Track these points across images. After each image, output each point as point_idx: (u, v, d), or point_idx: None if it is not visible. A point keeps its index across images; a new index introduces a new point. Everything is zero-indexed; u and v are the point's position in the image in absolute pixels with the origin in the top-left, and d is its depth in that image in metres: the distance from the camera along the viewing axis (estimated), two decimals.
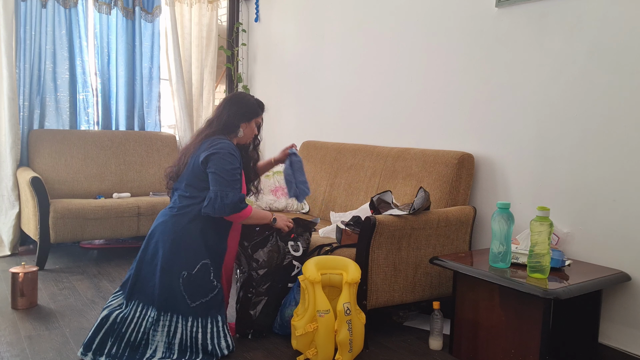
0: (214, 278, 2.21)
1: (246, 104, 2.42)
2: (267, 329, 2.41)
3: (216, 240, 2.27)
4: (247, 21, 4.73)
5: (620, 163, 2.15)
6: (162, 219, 2.27)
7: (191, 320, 2.13)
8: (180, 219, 2.22)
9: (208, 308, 2.17)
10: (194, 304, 2.15)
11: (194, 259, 2.18)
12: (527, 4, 2.48)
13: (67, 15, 3.90)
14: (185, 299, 2.14)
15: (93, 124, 4.14)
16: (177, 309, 2.14)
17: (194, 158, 2.28)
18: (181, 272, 2.15)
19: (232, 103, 2.41)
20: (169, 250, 2.17)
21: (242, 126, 2.39)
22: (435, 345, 2.35)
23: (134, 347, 2.11)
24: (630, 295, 2.13)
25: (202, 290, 2.17)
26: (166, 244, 2.18)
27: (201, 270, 2.18)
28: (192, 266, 2.17)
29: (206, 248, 2.22)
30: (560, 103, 2.36)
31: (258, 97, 4.58)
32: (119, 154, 4.02)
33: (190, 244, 2.19)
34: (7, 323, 2.50)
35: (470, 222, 2.57)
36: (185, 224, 2.21)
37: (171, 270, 2.15)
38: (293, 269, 2.43)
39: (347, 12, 3.61)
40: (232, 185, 2.19)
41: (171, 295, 2.14)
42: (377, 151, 3.16)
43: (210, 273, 2.20)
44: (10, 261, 3.52)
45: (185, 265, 2.16)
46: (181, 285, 2.14)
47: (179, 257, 2.17)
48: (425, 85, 3.03)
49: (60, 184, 3.74)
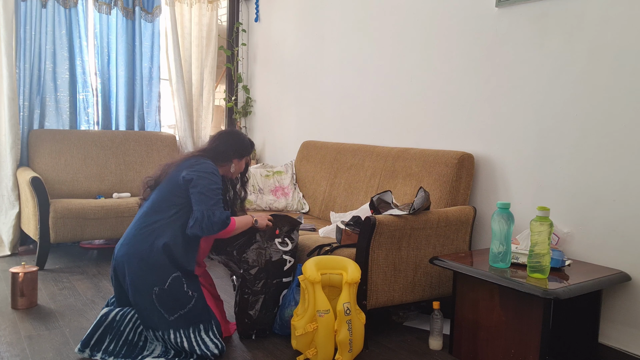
0: (189, 289, 2.16)
1: (242, 142, 2.49)
2: (268, 326, 2.41)
3: (184, 257, 2.19)
4: (247, 21, 4.73)
5: (620, 163, 2.15)
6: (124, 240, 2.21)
7: (173, 333, 2.11)
8: (146, 237, 2.16)
9: (188, 319, 2.14)
10: (172, 317, 2.11)
11: (164, 274, 2.13)
12: (527, 3, 2.48)
13: (67, 15, 3.90)
14: (162, 314, 2.11)
15: (93, 124, 4.14)
16: (157, 325, 2.11)
17: (174, 172, 2.27)
18: (152, 289, 2.10)
19: (230, 137, 2.47)
20: (138, 269, 2.12)
21: (234, 161, 2.45)
22: (435, 345, 2.35)
23: (131, 345, 2.12)
24: (630, 295, 2.13)
25: (179, 303, 2.13)
26: (132, 264, 2.13)
27: (173, 284, 2.13)
28: (164, 281, 2.12)
29: (174, 265, 2.15)
30: (560, 103, 2.36)
31: (258, 96, 4.65)
32: (119, 154, 4.02)
33: (158, 260, 2.13)
34: (7, 323, 2.50)
35: (470, 222, 2.57)
36: (152, 241, 2.15)
37: (142, 289, 2.11)
38: (285, 263, 2.43)
39: (347, 12, 3.61)
40: (217, 204, 2.19)
41: (148, 314, 2.11)
42: (377, 151, 3.16)
43: (183, 284, 2.15)
44: (10, 261, 3.52)
45: (155, 281, 2.11)
46: (155, 302, 2.10)
47: (148, 274, 2.11)
48: (425, 85, 3.03)
49: (60, 184, 3.74)
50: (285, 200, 3.57)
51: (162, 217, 2.20)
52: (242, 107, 4.72)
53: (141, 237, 2.17)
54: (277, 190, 3.63)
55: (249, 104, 4.71)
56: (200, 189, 2.18)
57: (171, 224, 2.19)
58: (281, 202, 3.55)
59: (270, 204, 3.54)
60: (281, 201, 3.55)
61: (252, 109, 4.72)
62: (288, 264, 2.44)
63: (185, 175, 2.21)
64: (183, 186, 2.21)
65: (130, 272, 2.13)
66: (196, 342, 2.13)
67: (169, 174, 2.29)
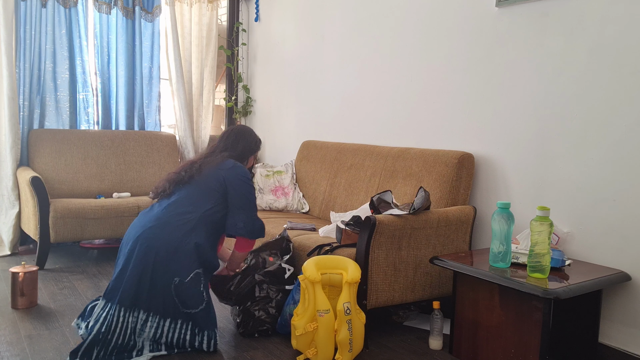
0: (204, 290, 2.20)
1: (255, 139, 2.60)
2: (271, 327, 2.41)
3: (210, 255, 2.26)
4: (247, 21, 4.73)
5: (620, 163, 2.16)
6: (156, 222, 2.21)
7: (180, 323, 2.15)
8: (181, 226, 2.19)
9: (197, 320, 2.17)
10: (185, 310, 2.16)
11: (189, 267, 2.16)
12: (527, 3, 2.48)
13: (67, 15, 3.89)
14: (176, 303, 2.15)
15: (93, 123, 4.14)
16: (168, 312, 2.13)
17: (215, 171, 2.32)
18: (173, 278, 2.13)
19: (246, 135, 2.55)
20: (164, 256, 2.14)
21: (250, 159, 2.57)
22: (435, 345, 2.35)
23: (120, 350, 2.10)
24: (630, 295, 2.13)
25: (192, 301, 2.16)
26: (161, 249, 2.14)
27: (194, 280, 2.16)
28: (186, 274, 2.15)
29: (200, 260, 2.20)
30: (561, 103, 2.36)
31: (258, 96, 4.65)
32: (119, 154, 4.01)
33: (186, 253, 2.16)
34: (7, 323, 2.50)
35: (470, 222, 2.57)
36: (185, 232, 2.18)
37: (164, 275, 2.13)
38: (284, 271, 2.45)
39: (347, 12, 3.61)
40: (256, 212, 2.35)
41: (162, 299, 2.13)
42: (377, 151, 3.16)
43: (201, 284, 2.19)
44: (10, 261, 3.52)
45: (178, 272, 2.14)
46: (173, 291, 2.13)
47: (173, 263, 2.14)
48: (425, 85, 3.03)
49: (60, 183, 3.74)
50: (285, 200, 3.57)
51: (198, 209, 2.24)
52: (242, 107, 4.72)
53: (175, 225, 2.19)
54: (277, 190, 3.63)
55: (249, 103, 4.71)
56: (244, 194, 2.30)
57: (205, 218, 2.24)
58: (281, 202, 3.55)
59: (270, 203, 3.54)
60: (281, 201, 3.55)
61: (252, 109, 4.72)
62: (288, 272, 2.44)
63: (227, 177, 2.30)
64: (223, 186, 2.29)
65: (158, 255, 2.13)
66: (198, 343, 2.17)
67: (206, 171, 2.33)
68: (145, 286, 2.13)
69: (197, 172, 2.33)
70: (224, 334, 2.43)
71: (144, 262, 2.13)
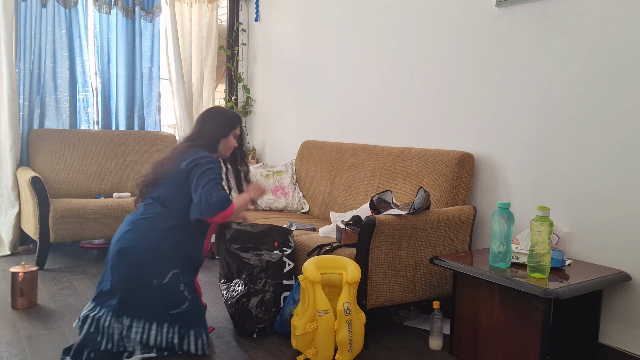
0: (185, 289, 2.16)
1: (222, 118, 2.40)
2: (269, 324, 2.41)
3: (193, 249, 2.22)
4: (247, 21, 4.73)
5: (620, 163, 2.15)
6: (131, 227, 2.19)
7: (167, 326, 2.12)
8: (154, 226, 2.16)
9: (182, 319, 2.14)
10: (168, 312, 2.13)
11: (165, 269, 2.13)
12: (527, 3, 2.48)
13: (67, 15, 3.89)
14: (160, 306, 2.12)
15: (93, 123, 4.14)
16: (152, 315, 2.11)
17: (175, 166, 2.24)
18: (152, 280, 2.11)
19: (208, 119, 2.39)
20: (140, 260, 2.12)
21: (221, 142, 2.37)
22: (435, 345, 2.35)
23: (111, 353, 2.09)
24: (630, 295, 2.13)
25: (174, 301, 2.13)
26: (136, 253, 2.12)
27: (172, 280, 2.13)
28: (164, 275, 2.12)
29: (181, 258, 2.16)
30: (560, 103, 2.36)
31: (258, 96, 4.65)
32: (119, 154, 4.01)
33: (163, 252, 2.13)
34: (7, 323, 2.50)
35: (470, 222, 2.57)
36: (161, 231, 2.15)
37: (142, 279, 2.11)
38: (284, 265, 2.45)
39: (346, 12, 3.61)
40: (215, 187, 2.15)
41: (144, 302, 2.11)
42: (377, 151, 3.16)
43: (180, 284, 2.14)
44: (10, 261, 3.52)
45: (155, 274, 2.11)
46: (154, 293, 2.11)
47: (149, 266, 2.11)
48: (425, 84, 3.03)
49: (60, 183, 3.74)
50: (285, 200, 3.56)
51: (169, 209, 2.19)
52: (242, 107, 4.72)
53: (148, 227, 2.16)
54: (277, 190, 3.63)
55: (249, 103, 4.71)
56: (196, 174, 2.16)
57: (179, 217, 2.19)
58: (281, 202, 3.55)
59: (270, 203, 3.54)
60: (281, 201, 3.55)
61: (252, 109, 4.72)
62: (288, 267, 2.45)
63: (184, 167, 2.20)
64: (185, 179, 2.20)
65: (133, 259, 2.11)
66: (187, 343, 2.15)
67: (169, 170, 2.25)
68: (126, 291, 2.11)
69: (161, 173, 2.27)
70: (223, 334, 2.43)
71: (121, 267, 2.13)
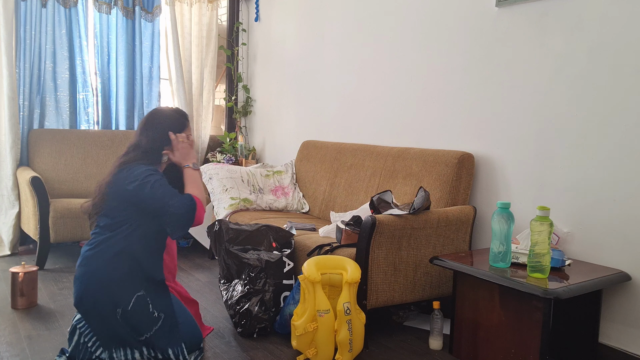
0: (154, 309, 2.00)
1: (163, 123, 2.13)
2: (269, 324, 2.41)
3: (151, 267, 2.03)
4: (247, 21, 4.73)
5: (620, 163, 2.15)
6: (81, 261, 2.03)
7: (146, 350, 2.00)
8: (102, 255, 1.98)
9: (158, 340, 1.99)
10: (141, 337, 1.99)
11: (127, 294, 1.97)
12: (527, 3, 2.48)
13: (67, 15, 3.89)
14: (131, 333, 1.98)
15: (93, 123, 4.14)
16: (127, 342, 1.98)
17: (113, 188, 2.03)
18: (116, 310, 1.95)
19: (148, 127, 2.13)
20: (98, 291, 1.96)
21: (166, 151, 2.13)
22: (435, 345, 2.35)
23: None
24: (630, 295, 2.13)
25: (144, 325, 1.98)
26: (91, 285, 1.96)
27: (137, 304, 1.97)
28: (127, 302, 1.96)
29: (141, 279, 2.00)
30: (560, 103, 2.36)
31: (258, 96, 4.65)
32: (119, 154, 3.98)
33: (119, 278, 1.97)
34: (7, 323, 2.50)
35: (470, 222, 2.57)
36: (110, 258, 1.97)
37: (105, 311, 1.96)
38: (284, 265, 2.46)
39: (347, 12, 3.61)
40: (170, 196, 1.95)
41: (115, 333, 1.97)
42: (377, 151, 3.16)
43: (149, 305, 1.99)
44: (10, 261, 3.52)
45: (118, 302, 1.96)
46: (120, 322, 1.96)
47: (110, 294, 1.96)
48: (425, 85, 3.03)
49: (60, 183, 3.74)
50: (285, 200, 3.56)
51: (117, 233, 2.00)
52: (242, 107, 4.72)
53: (99, 255, 1.99)
54: (277, 190, 3.63)
55: (249, 103, 4.71)
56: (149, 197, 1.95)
57: (129, 239, 2.00)
58: (281, 202, 3.55)
59: (270, 203, 3.54)
60: (281, 201, 3.55)
61: (252, 109, 4.72)
62: (287, 267, 2.45)
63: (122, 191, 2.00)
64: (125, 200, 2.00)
65: (92, 290, 1.96)
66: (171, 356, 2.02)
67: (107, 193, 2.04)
68: (96, 322, 1.99)
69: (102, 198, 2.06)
70: (224, 334, 2.43)
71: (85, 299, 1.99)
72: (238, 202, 3.39)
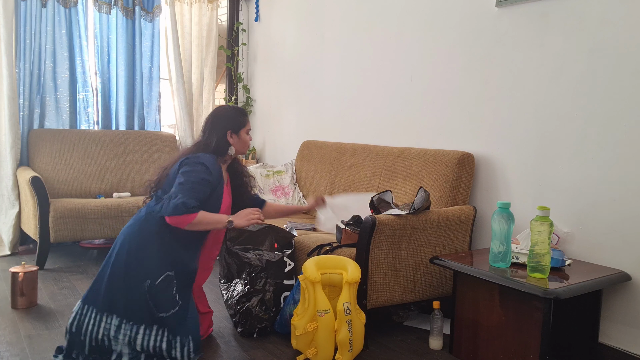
0: (177, 293, 2.08)
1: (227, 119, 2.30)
2: (269, 324, 2.41)
3: (184, 256, 2.14)
4: (247, 21, 4.73)
5: (620, 163, 2.15)
6: (130, 222, 2.18)
7: (155, 330, 2.04)
8: (147, 225, 2.11)
9: (171, 324, 2.06)
10: (159, 314, 2.05)
11: (159, 269, 2.06)
12: (527, 3, 2.48)
13: (67, 15, 3.89)
14: (150, 308, 2.04)
15: (93, 123, 4.14)
16: (141, 318, 2.04)
17: (173, 170, 2.20)
18: (145, 280, 2.04)
19: (213, 120, 2.30)
20: (134, 256, 2.07)
21: (232, 144, 2.28)
22: (435, 345, 2.35)
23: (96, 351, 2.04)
24: (630, 295, 2.13)
25: (165, 304, 2.05)
26: (132, 249, 2.08)
27: (165, 282, 2.06)
28: (156, 276, 2.05)
29: (174, 262, 2.10)
30: (561, 103, 2.36)
31: (258, 96, 4.65)
32: (119, 154, 4.01)
33: (155, 252, 2.08)
34: (7, 323, 2.50)
35: (470, 222, 2.57)
36: (153, 231, 2.09)
37: (135, 277, 2.05)
38: (285, 265, 2.46)
39: (347, 12, 3.61)
40: (188, 191, 2.06)
41: (135, 303, 2.04)
42: (377, 151, 3.16)
43: (174, 287, 2.08)
44: (10, 261, 3.52)
45: (149, 273, 2.05)
46: (146, 294, 2.04)
47: (143, 263, 2.06)
48: (425, 84, 3.03)
49: (60, 183, 3.74)
50: (285, 199, 3.56)
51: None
52: (242, 107, 4.72)
53: (141, 226, 2.12)
54: (277, 189, 3.63)
55: (249, 103, 4.71)
56: (181, 177, 2.10)
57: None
58: (281, 202, 3.55)
59: None
60: (281, 201, 3.55)
61: (252, 109, 4.72)
62: (288, 267, 2.45)
63: (177, 167, 2.17)
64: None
65: (129, 255, 2.07)
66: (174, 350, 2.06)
67: (170, 172, 2.22)
68: (120, 290, 2.05)
69: (163, 176, 2.24)
70: (224, 334, 2.43)
71: (117, 263, 2.08)
72: None
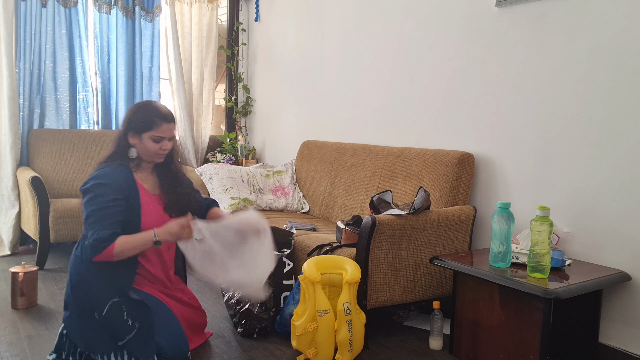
0: (129, 317, 1.96)
1: (130, 119, 2.06)
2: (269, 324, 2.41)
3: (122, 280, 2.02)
4: (247, 21, 4.73)
5: (620, 163, 2.15)
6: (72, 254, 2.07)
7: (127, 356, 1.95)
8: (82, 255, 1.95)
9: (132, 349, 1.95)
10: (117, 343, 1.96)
11: (103, 298, 1.96)
12: (527, 3, 2.48)
13: (67, 15, 3.89)
14: (107, 339, 1.96)
15: (93, 123, 4.13)
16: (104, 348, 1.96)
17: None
18: (92, 314, 1.96)
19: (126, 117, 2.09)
20: (79, 290, 1.98)
21: (132, 143, 2.06)
22: (435, 345, 2.35)
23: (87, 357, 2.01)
24: (630, 295, 2.13)
25: (119, 332, 1.95)
26: (74, 283, 1.99)
27: (112, 310, 1.95)
28: (102, 306, 1.95)
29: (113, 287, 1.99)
30: (561, 103, 2.36)
31: (258, 96, 4.65)
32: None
33: (95, 282, 1.97)
34: (7, 323, 2.50)
35: (470, 222, 2.57)
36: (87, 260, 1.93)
37: (87, 311, 1.97)
38: (284, 265, 2.45)
39: (347, 12, 3.61)
40: (97, 224, 1.89)
41: (92, 336, 1.97)
42: (377, 151, 3.16)
43: (124, 313, 1.95)
44: (10, 261, 3.52)
45: (94, 305, 1.96)
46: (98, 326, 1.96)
47: (88, 295, 1.97)
48: (425, 84, 3.03)
49: (60, 183, 3.74)
50: (285, 200, 3.57)
51: None
52: (242, 107, 4.72)
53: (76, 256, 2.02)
54: (277, 190, 3.63)
55: (249, 103, 4.71)
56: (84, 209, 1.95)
57: None
58: (281, 202, 3.55)
59: (270, 203, 3.54)
60: (281, 201, 3.55)
61: (252, 109, 4.72)
62: (287, 267, 2.45)
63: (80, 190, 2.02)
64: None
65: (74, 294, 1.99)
66: None
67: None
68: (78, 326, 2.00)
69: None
70: (223, 334, 2.43)
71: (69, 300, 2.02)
72: (238, 202, 3.40)
